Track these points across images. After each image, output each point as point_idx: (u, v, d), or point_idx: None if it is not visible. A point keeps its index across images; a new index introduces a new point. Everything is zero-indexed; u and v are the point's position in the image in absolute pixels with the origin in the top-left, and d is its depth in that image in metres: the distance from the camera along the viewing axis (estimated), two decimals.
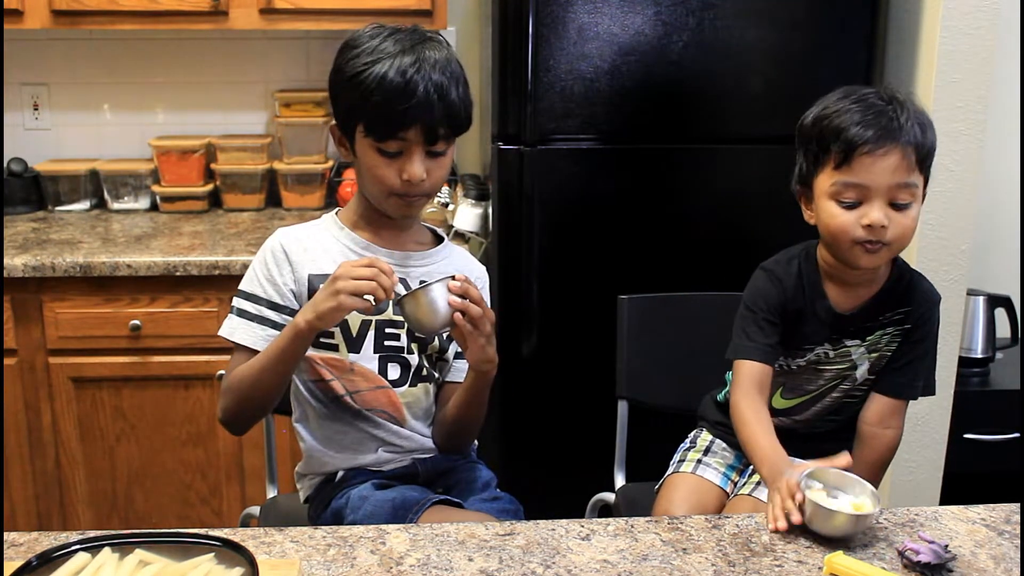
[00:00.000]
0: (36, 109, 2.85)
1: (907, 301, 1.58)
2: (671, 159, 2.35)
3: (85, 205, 2.78)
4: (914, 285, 1.60)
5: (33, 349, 2.34)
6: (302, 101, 2.79)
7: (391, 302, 1.52)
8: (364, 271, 1.38)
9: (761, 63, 2.31)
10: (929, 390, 1.63)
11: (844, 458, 1.37)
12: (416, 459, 1.60)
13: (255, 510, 1.90)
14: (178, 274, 2.30)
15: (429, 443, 1.62)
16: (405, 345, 1.57)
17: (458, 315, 1.40)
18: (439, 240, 1.66)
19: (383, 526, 1.32)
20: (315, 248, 1.56)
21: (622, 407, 2.01)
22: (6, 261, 2.27)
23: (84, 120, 2.87)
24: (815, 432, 1.67)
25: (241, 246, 2.41)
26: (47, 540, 1.24)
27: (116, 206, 2.78)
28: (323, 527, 1.32)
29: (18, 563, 1.08)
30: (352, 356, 1.54)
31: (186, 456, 2.43)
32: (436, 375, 1.63)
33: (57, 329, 2.33)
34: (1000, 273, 2.90)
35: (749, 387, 1.57)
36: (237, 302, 1.57)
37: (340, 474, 1.59)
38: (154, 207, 2.80)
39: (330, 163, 2.81)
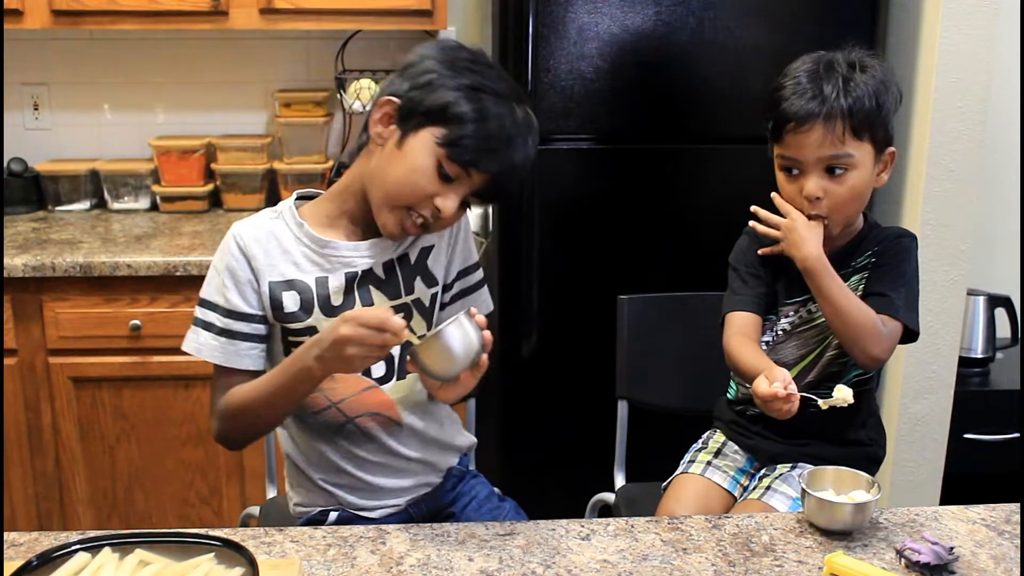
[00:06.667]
0: (36, 109, 2.84)
1: (875, 244, 1.61)
2: (671, 159, 2.35)
3: (85, 205, 2.78)
4: (884, 231, 1.63)
5: (33, 349, 2.34)
6: (302, 101, 2.78)
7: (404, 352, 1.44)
8: (372, 338, 1.26)
9: (761, 63, 2.30)
10: (907, 319, 1.55)
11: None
12: (409, 503, 1.54)
13: (255, 510, 1.90)
14: (178, 274, 2.30)
15: (425, 458, 1.54)
16: None
17: (484, 356, 1.28)
18: None
19: (383, 526, 1.32)
20: (274, 251, 1.44)
21: (622, 407, 2.01)
22: (6, 261, 2.26)
23: (84, 120, 2.86)
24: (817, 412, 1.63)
25: None
26: (47, 540, 1.25)
27: (116, 206, 2.78)
28: (323, 527, 1.32)
29: (18, 563, 1.08)
30: None
31: (186, 456, 2.43)
32: None
33: (57, 329, 2.33)
34: (1000, 273, 2.90)
35: (737, 331, 1.61)
36: (201, 312, 1.46)
37: (332, 516, 1.51)
38: (154, 207, 2.80)
39: (330, 163, 2.81)
